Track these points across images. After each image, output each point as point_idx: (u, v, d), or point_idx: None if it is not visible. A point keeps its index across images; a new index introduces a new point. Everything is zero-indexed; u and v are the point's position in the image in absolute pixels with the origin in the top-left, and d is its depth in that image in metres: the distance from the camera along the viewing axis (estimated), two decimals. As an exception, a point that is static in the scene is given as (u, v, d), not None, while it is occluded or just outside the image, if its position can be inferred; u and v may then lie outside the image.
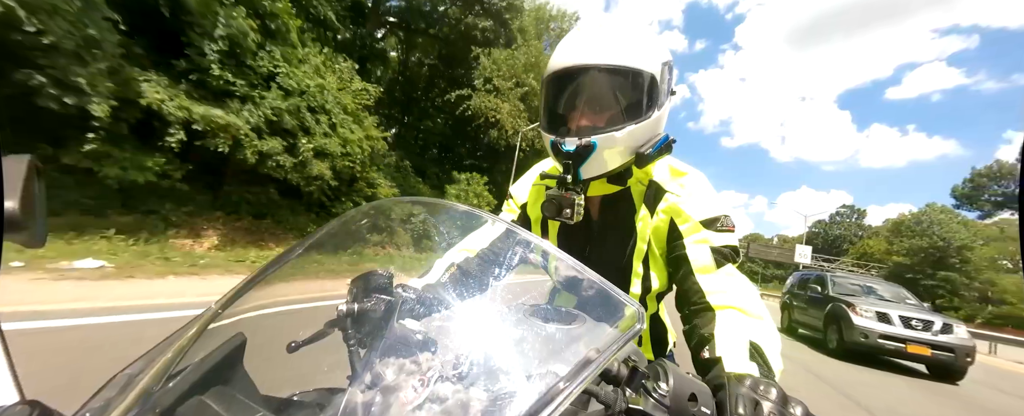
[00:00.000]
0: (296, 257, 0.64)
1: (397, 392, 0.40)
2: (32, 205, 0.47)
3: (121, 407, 0.41)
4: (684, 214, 0.81)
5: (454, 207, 0.61)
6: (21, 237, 0.46)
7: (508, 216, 1.05)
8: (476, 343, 0.47)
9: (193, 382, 0.44)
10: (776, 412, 0.40)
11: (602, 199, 0.91)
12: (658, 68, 0.77)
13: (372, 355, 0.49)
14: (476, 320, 0.55)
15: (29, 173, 0.48)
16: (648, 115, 0.77)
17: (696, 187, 0.84)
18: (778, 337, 0.68)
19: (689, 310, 0.77)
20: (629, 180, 0.87)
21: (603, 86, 0.78)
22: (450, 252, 0.80)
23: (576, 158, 0.77)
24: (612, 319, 0.45)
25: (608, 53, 0.76)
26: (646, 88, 0.76)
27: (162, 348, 0.50)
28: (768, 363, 0.61)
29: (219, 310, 0.54)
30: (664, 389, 0.41)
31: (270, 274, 0.60)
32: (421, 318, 0.60)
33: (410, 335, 0.51)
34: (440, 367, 0.43)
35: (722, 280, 0.75)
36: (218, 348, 0.49)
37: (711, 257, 0.77)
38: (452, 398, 0.39)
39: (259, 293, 0.59)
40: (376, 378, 0.43)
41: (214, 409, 0.41)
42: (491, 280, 0.68)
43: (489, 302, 0.56)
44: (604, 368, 0.39)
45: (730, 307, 0.71)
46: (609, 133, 0.75)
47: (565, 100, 0.82)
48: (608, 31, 0.79)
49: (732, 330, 0.66)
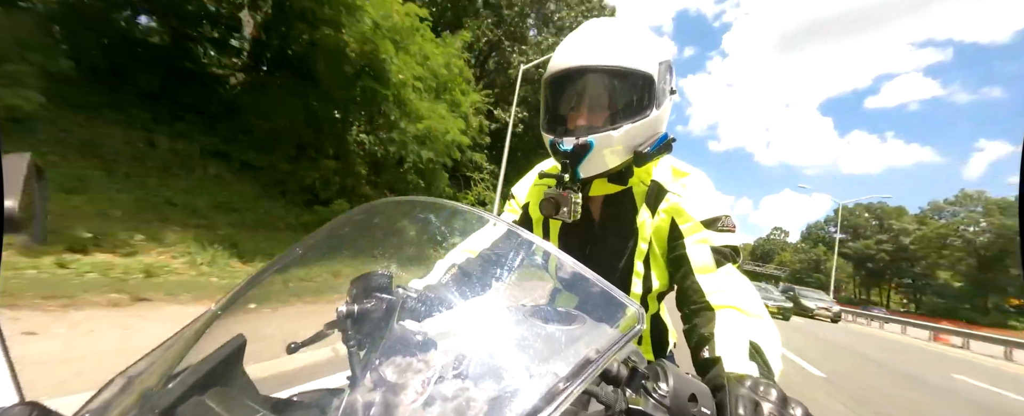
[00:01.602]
0: (296, 258, 0.64)
1: (397, 393, 0.40)
2: (32, 205, 0.47)
3: (121, 408, 0.41)
4: (685, 214, 0.81)
5: (455, 207, 0.61)
6: (21, 237, 0.46)
7: (510, 216, 1.05)
8: (476, 344, 0.47)
9: (193, 383, 0.44)
10: (776, 413, 0.40)
11: (604, 199, 0.91)
12: (656, 68, 0.78)
13: (372, 356, 0.49)
14: (476, 321, 0.55)
15: (29, 173, 0.48)
16: (646, 114, 0.77)
17: (698, 187, 0.84)
18: (778, 337, 0.68)
19: (689, 309, 0.77)
20: (630, 180, 0.87)
21: (600, 86, 0.79)
22: (451, 253, 0.80)
23: (574, 157, 0.78)
24: (612, 320, 0.45)
25: (605, 54, 0.77)
26: (643, 88, 0.77)
27: (162, 349, 0.50)
28: (768, 363, 0.61)
29: (219, 311, 0.54)
30: (664, 389, 0.41)
31: (270, 275, 0.60)
32: (421, 319, 0.60)
33: (410, 336, 0.51)
34: (440, 368, 0.43)
35: (722, 280, 0.75)
36: (218, 349, 0.49)
37: (711, 257, 0.77)
38: (452, 399, 0.39)
39: (259, 294, 0.59)
40: (376, 379, 0.43)
41: (214, 410, 0.41)
42: (492, 281, 0.68)
43: (489, 303, 0.56)
44: (604, 368, 0.39)
45: (730, 307, 0.71)
46: (606, 132, 0.76)
47: (564, 101, 0.83)
48: (606, 32, 0.80)
49: (732, 330, 0.66)
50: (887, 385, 5.79)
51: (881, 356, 8.80)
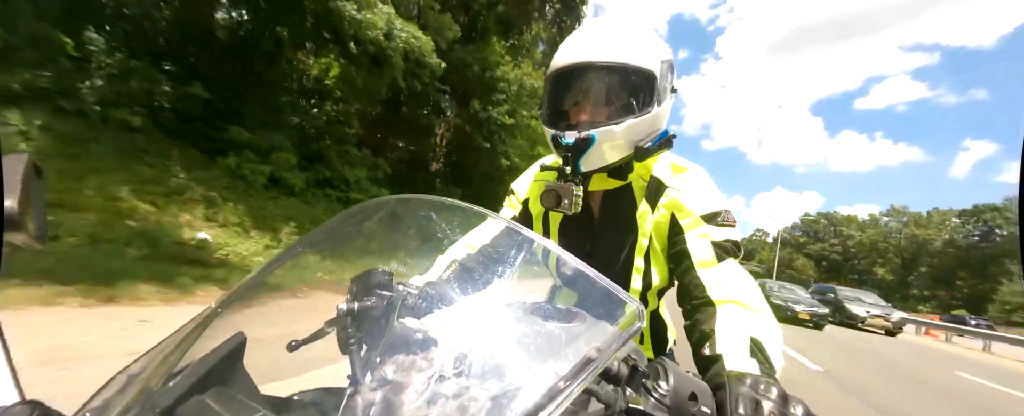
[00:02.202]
0: (296, 256, 0.64)
1: (398, 392, 0.40)
2: (32, 204, 0.47)
3: (121, 406, 0.41)
4: (685, 209, 0.81)
5: (455, 204, 0.61)
6: (21, 236, 0.46)
7: (509, 212, 1.05)
8: (476, 342, 0.47)
9: (193, 382, 0.44)
10: (777, 412, 0.40)
11: (603, 194, 0.91)
12: (657, 65, 0.78)
13: (372, 354, 0.49)
14: (476, 318, 0.55)
15: (29, 172, 0.47)
16: (647, 110, 0.78)
17: (697, 182, 0.84)
18: (780, 332, 0.67)
19: (690, 304, 0.77)
20: (630, 175, 0.87)
21: (603, 82, 0.79)
22: (450, 249, 0.80)
23: (575, 151, 0.78)
24: (612, 317, 0.45)
25: (608, 50, 0.77)
26: (645, 84, 0.78)
27: (162, 348, 0.50)
28: (769, 359, 0.60)
29: (219, 309, 0.54)
30: (664, 388, 0.40)
31: (270, 273, 0.60)
32: (421, 316, 0.60)
33: (410, 333, 0.50)
34: (440, 366, 0.43)
35: (723, 274, 0.75)
36: (218, 347, 0.49)
37: (712, 251, 0.77)
38: (453, 397, 0.39)
39: (259, 292, 0.59)
40: (377, 377, 0.43)
41: (214, 409, 0.41)
42: (491, 278, 0.68)
43: (489, 300, 0.56)
44: (604, 367, 0.39)
45: (731, 301, 0.71)
46: (608, 127, 0.76)
47: (567, 96, 0.83)
48: (609, 30, 0.80)
49: (733, 326, 0.66)
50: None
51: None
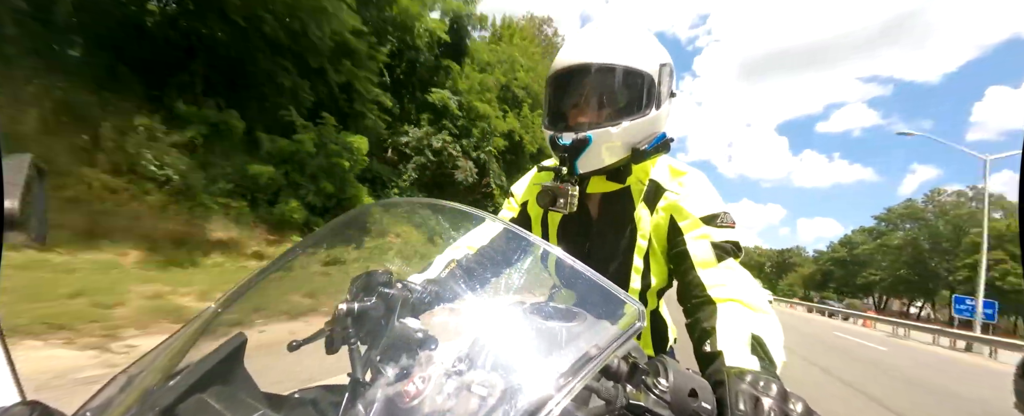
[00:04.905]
0: (296, 257, 0.64)
1: (398, 390, 0.40)
2: (32, 204, 0.47)
3: (122, 406, 0.41)
4: (684, 211, 0.81)
5: (453, 207, 0.61)
6: (21, 236, 0.46)
7: (508, 214, 1.05)
8: (476, 341, 0.47)
9: (194, 381, 0.44)
10: (776, 408, 0.40)
11: (602, 197, 0.91)
12: (656, 69, 0.79)
13: (372, 353, 0.49)
14: (476, 318, 0.55)
15: (29, 172, 0.48)
16: (645, 113, 0.78)
17: (695, 185, 0.85)
18: (780, 329, 0.67)
19: (691, 304, 0.77)
20: (628, 179, 0.87)
21: (601, 84, 0.80)
22: (449, 249, 0.80)
23: (573, 152, 0.79)
24: (612, 316, 0.45)
25: (607, 53, 0.78)
26: (643, 87, 0.78)
27: (163, 348, 0.50)
28: (770, 356, 0.60)
29: (219, 310, 0.54)
30: (664, 385, 0.41)
31: (270, 274, 0.60)
32: (421, 316, 0.60)
33: (410, 333, 0.50)
34: (440, 365, 0.43)
35: (723, 273, 0.75)
36: (219, 347, 0.49)
37: (712, 251, 0.77)
38: (453, 395, 0.39)
39: (259, 293, 0.59)
40: (377, 376, 0.43)
41: (214, 407, 0.41)
42: (491, 278, 0.68)
43: (489, 300, 0.56)
44: (604, 364, 0.39)
45: (731, 300, 0.71)
46: (605, 128, 0.77)
47: (566, 97, 0.84)
48: (609, 33, 0.81)
49: (733, 323, 0.66)
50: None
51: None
